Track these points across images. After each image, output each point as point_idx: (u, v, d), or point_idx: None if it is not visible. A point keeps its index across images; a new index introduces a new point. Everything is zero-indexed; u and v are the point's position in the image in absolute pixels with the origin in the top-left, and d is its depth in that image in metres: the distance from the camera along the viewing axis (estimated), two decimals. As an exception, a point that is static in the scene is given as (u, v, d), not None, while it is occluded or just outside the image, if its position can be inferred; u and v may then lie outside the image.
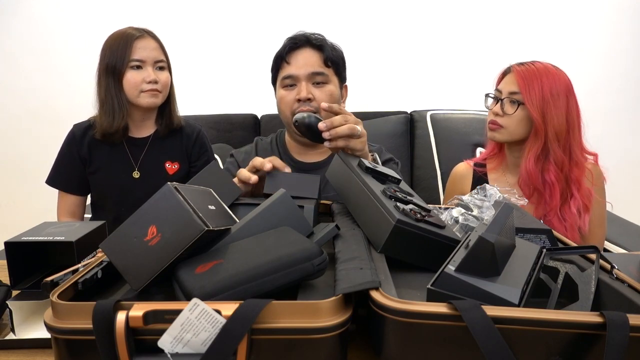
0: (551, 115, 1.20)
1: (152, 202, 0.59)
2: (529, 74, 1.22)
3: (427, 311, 0.47)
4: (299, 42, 1.23)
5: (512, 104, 1.24)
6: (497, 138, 1.29)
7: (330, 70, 1.24)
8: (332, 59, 1.24)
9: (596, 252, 0.64)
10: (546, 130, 1.20)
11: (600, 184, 1.29)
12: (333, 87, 1.24)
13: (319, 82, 1.22)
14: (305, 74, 1.20)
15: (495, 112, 1.27)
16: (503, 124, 1.25)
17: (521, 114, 1.23)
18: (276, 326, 0.48)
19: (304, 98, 1.19)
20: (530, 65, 1.25)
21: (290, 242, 0.59)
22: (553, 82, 1.21)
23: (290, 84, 1.22)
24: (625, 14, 2.34)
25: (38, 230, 0.79)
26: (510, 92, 1.25)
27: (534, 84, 1.21)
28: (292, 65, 1.22)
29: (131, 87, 1.38)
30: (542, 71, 1.23)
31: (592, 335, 0.46)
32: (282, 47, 1.25)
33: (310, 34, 1.25)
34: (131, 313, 0.47)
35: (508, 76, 1.28)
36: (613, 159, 1.40)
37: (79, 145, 1.45)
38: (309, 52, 1.22)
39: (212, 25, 2.39)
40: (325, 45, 1.24)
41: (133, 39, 1.38)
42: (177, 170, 1.50)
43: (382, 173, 0.85)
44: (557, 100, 1.20)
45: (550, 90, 1.20)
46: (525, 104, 1.21)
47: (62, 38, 2.39)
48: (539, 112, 1.20)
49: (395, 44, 2.39)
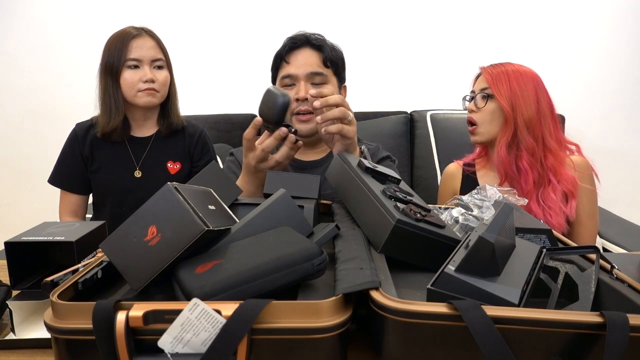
0: (519, 105, 1.28)
1: (152, 202, 0.59)
2: (497, 71, 1.33)
3: (427, 311, 0.47)
4: (299, 42, 1.23)
5: (482, 98, 1.33)
6: (476, 140, 1.38)
7: (329, 70, 1.24)
8: (332, 59, 1.24)
9: (596, 252, 0.64)
10: (515, 118, 1.28)
11: (588, 174, 1.33)
12: (332, 88, 1.24)
13: (317, 82, 1.22)
14: (304, 74, 1.21)
15: (470, 109, 1.37)
16: (477, 119, 1.34)
17: (492, 107, 1.31)
18: (276, 326, 0.48)
19: (302, 98, 1.19)
20: (498, 65, 1.35)
21: (290, 242, 0.59)
22: (520, 77, 1.31)
23: (289, 84, 1.23)
24: (624, 14, 2.34)
25: (38, 230, 0.79)
26: (481, 89, 1.34)
27: (502, 78, 1.31)
28: (291, 64, 1.22)
29: (128, 87, 1.38)
30: (509, 68, 1.33)
31: (592, 335, 0.46)
32: (281, 47, 1.25)
33: (310, 34, 1.25)
34: (131, 313, 0.47)
35: (480, 77, 1.38)
36: (613, 159, 1.41)
37: (81, 144, 1.46)
38: (309, 52, 1.23)
39: (212, 25, 2.39)
40: (325, 46, 1.24)
41: (129, 38, 1.38)
42: (179, 170, 1.50)
43: (382, 173, 0.85)
44: (525, 91, 1.29)
45: (518, 83, 1.29)
46: (495, 95, 1.30)
47: (62, 38, 2.39)
48: (508, 103, 1.28)
49: (395, 44, 2.39)
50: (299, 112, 1.22)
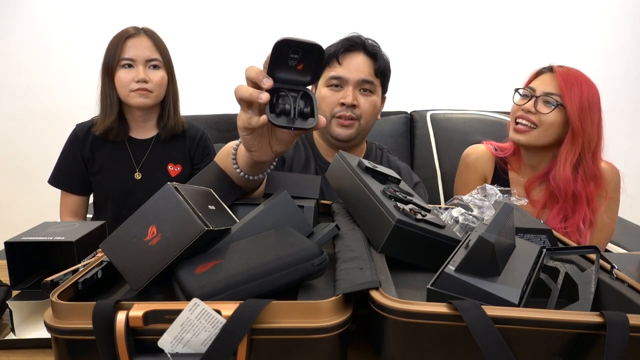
0: (587, 124, 1.17)
1: (152, 202, 0.59)
2: (572, 78, 1.19)
3: (427, 311, 0.47)
4: (355, 44, 1.20)
5: (546, 104, 1.20)
6: (521, 141, 1.24)
7: (378, 80, 1.22)
8: (383, 69, 1.22)
9: (596, 252, 0.64)
10: (583, 137, 1.17)
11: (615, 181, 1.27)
12: (377, 99, 1.22)
13: (366, 89, 1.20)
14: (355, 80, 1.18)
15: (527, 109, 1.22)
16: (536, 121, 1.21)
17: (555, 117, 1.19)
18: (276, 326, 0.48)
19: (349, 104, 1.17)
20: (571, 70, 1.21)
21: (290, 242, 0.59)
22: (590, 92, 1.19)
23: (336, 84, 1.20)
24: (625, 14, 2.34)
25: (38, 230, 0.79)
26: (546, 92, 1.20)
27: (575, 88, 1.17)
28: (343, 66, 1.19)
29: (121, 86, 1.38)
30: (582, 78, 1.20)
31: (592, 335, 0.46)
32: (336, 45, 1.21)
33: (366, 39, 1.22)
34: (131, 313, 0.47)
35: (545, 75, 1.24)
36: (613, 159, 1.41)
37: (82, 145, 1.45)
38: (363, 58, 1.20)
39: (212, 25, 2.39)
40: (379, 54, 1.22)
41: (125, 37, 1.38)
42: (180, 173, 1.50)
43: (382, 173, 0.85)
44: (592, 110, 1.18)
45: (589, 99, 1.18)
46: (566, 107, 1.17)
47: (62, 38, 2.39)
48: (578, 118, 1.16)
49: (395, 44, 2.39)
50: (341, 117, 1.19)
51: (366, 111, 1.20)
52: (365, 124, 1.22)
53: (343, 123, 1.19)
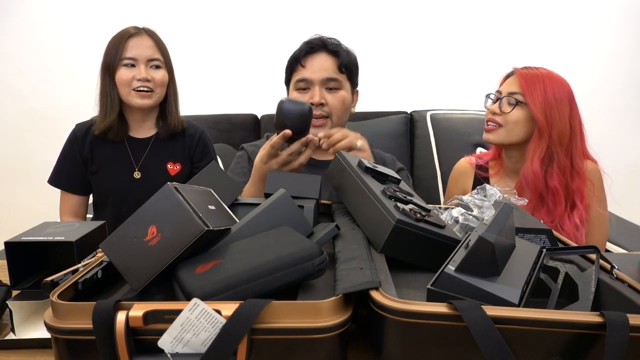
0: (555, 119, 1.19)
1: (152, 202, 0.59)
2: (532, 76, 1.23)
3: (427, 311, 0.47)
4: (315, 46, 1.24)
5: (509, 103, 1.25)
6: (490, 139, 1.29)
7: (343, 76, 1.25)
8: (347, 64, 1.25)
9: (596, 252, 0.64)
10: (550, 132, 1.20)
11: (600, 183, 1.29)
12: (345, 93, 1.25)
13: (332, 87, 1.23)
14: (319, 79, 1.22)
15: (493, 111, 1.28)
16: (501, 121, 1.25)
17: (519, 114, 1.23)
18: (276, 326, 0.48)
19: (317, 103, 1.21)
20: (533, 69, 1.25)
21: (290, 242, 0.59)
22: (556, 87, 1.21)
23: (303, 87, 1.24)
24: (626, 14, 2.34)
25: (38, 230, 0.79)
26: (509, 93, 1.25)
27: (537, 85, 1.21)
28: (307, 69, 1.23)
29: (122, 85, 1.38)
30: (546, 75, 1.23)
31: (592, 335, 0.46)
32: (298, 50, 1.26)
33: (326, 39, 1.25)
34: (131, 313, 0.47)
35: (510, 78, 1.29)
36: (613, 159, 1.40)
37: (81, 145, 1.45)
38: (325, 57, 1.24)
39: (212, 25, 2.39)
40: (341, 51, 1.25)
41: (127, 37, 1.38)
42: (179, 172, 1.50)
43: (382, 173, 0.85)
44: (560, 105, 1.20)
45: (554, 95, 1.20)
46: (528, 103, 1.21)
47: (62, 38, 2.39)
48: (542, 113, 1.19)
49: (395, 45, 2.39)
50: (313, 117, 1.22)
51: (335, 107, 1.24)
52: (337, 120, 1.26)
53: (315, 123, 1.22)
